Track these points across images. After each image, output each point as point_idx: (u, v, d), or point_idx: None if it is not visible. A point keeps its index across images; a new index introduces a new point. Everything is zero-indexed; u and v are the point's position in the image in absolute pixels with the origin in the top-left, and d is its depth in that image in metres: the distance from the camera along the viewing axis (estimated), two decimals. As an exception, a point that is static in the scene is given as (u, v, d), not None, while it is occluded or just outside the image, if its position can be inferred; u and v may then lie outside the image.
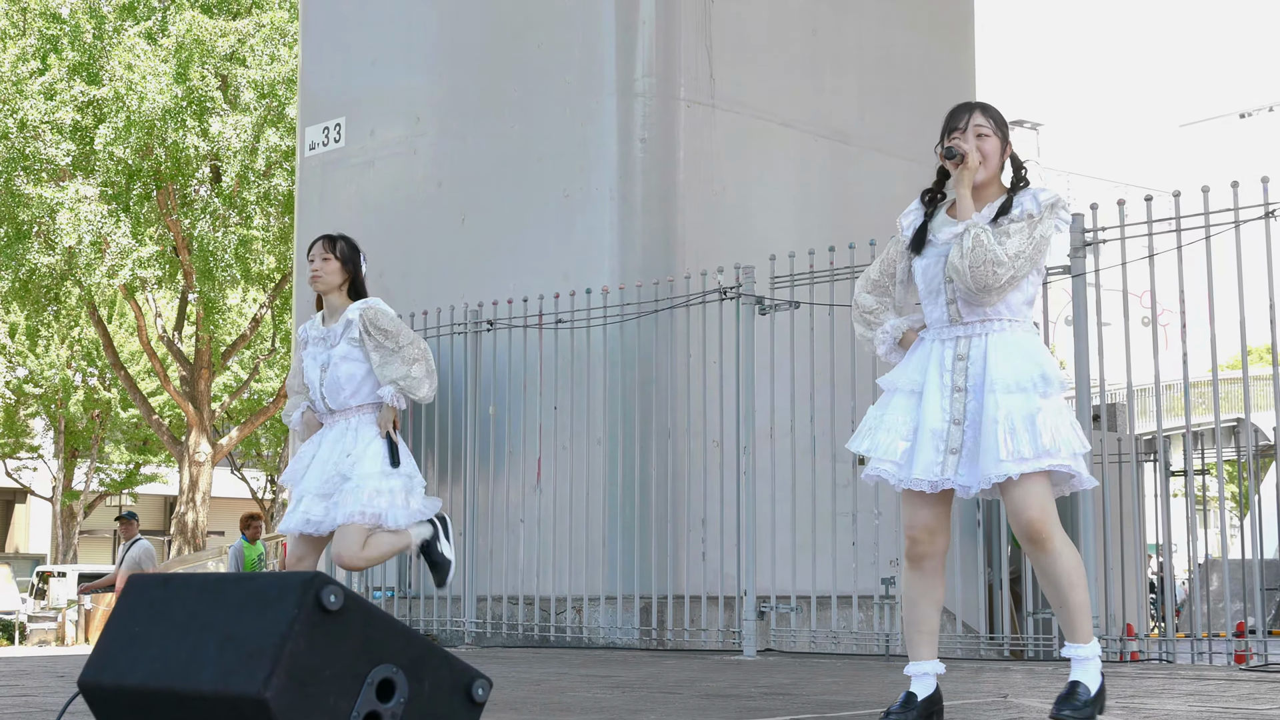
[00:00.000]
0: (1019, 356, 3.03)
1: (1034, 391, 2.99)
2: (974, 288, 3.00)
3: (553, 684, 4.63)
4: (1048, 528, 2.98)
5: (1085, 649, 3.00)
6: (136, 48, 16.86)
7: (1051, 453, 2.94)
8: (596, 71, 7.64)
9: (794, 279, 6.42)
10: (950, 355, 3.06)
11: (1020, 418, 2.96)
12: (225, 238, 17.87)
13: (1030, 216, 3.03)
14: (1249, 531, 5.83)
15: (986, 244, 2.99)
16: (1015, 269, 3.00)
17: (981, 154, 3.08)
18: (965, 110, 3.14)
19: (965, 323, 3.07)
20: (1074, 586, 2.99)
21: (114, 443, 28.46)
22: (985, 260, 2.98)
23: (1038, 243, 3.03)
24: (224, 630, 2.34)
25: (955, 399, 3.03)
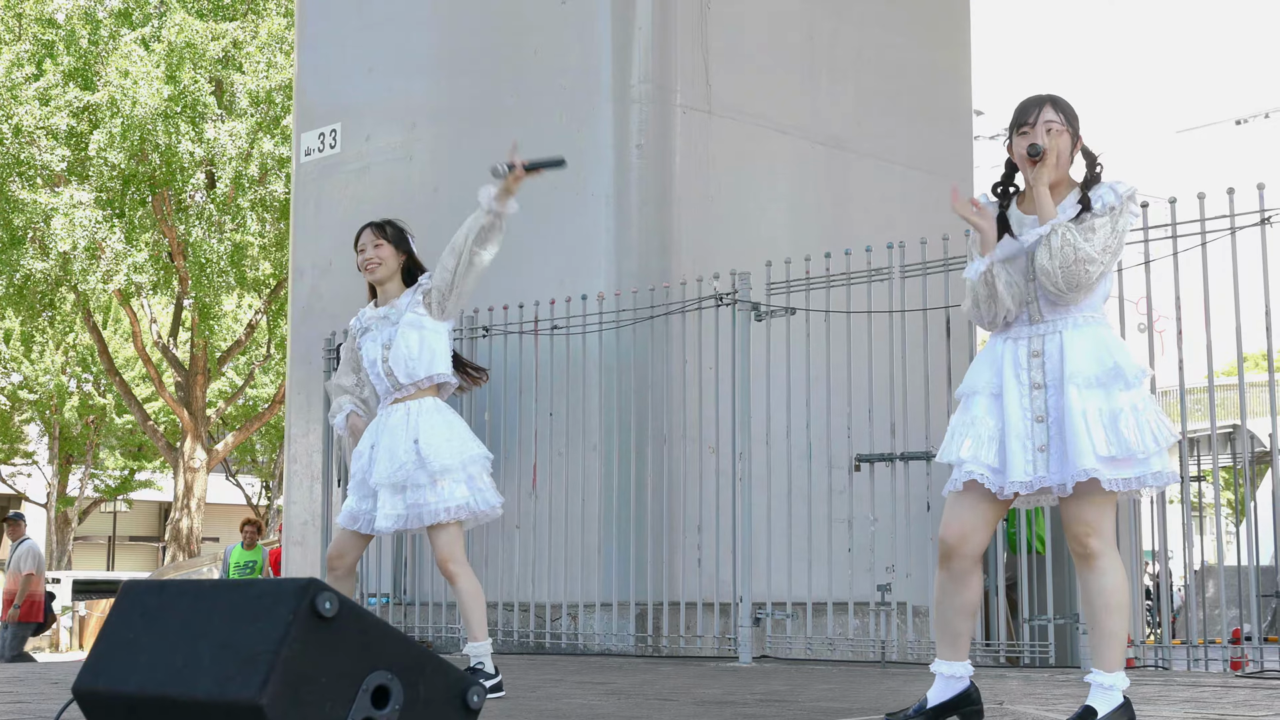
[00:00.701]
0: (1098, 350, 2.95)
1: (1114, 387, 2.91)
2: (1065, 288, 2.93)
3: (547, 691, 4.62)
4: (1094, 543, 2.89)
5: (1108, 678, 2.88)
6: (132, 54, 16.85)
7: (1137, 456, 2.86)
8: (592, 77, 7.63)
9: (790, 285, 6.41)
10: (1025, 353, 2.99)
11: (1105, 416, 2.89)
12: (220, 244, 17.85)
13: (1112, 209, 2.97)
14: (1245, 538, 5.81)
15: (1075, 242, 2.91)
16: (1105, 264, 2.95)
17: (1055, 150, 3.00)
18: (1035, 105, 3.04)
19: (1045, 320, 2.99)
20: (1111, 610, 2.89)
21: (109, 449, 28.41)
22: (1076, 259, 2.91)
23: (1121, 235, 2.97)
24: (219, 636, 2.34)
25: (1035, 395, 2.95)
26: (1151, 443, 2.88)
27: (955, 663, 3.04)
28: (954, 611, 3.04)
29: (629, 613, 6.79)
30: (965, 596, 3.03)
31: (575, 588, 6.97)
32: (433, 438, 4.28)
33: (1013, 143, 3.04)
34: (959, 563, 3.01)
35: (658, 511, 6.80)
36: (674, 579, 6.77)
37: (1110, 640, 2.88)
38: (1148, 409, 2.92)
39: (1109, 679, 2.86)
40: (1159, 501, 6.14)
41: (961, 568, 3.02)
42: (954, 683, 3.06)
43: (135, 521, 34.91)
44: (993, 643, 6.16)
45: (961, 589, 3.03)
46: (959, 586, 3.03)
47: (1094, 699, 2.87)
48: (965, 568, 3.02)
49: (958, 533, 3.00)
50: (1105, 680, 2.86)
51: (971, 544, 3.01)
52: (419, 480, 4.27)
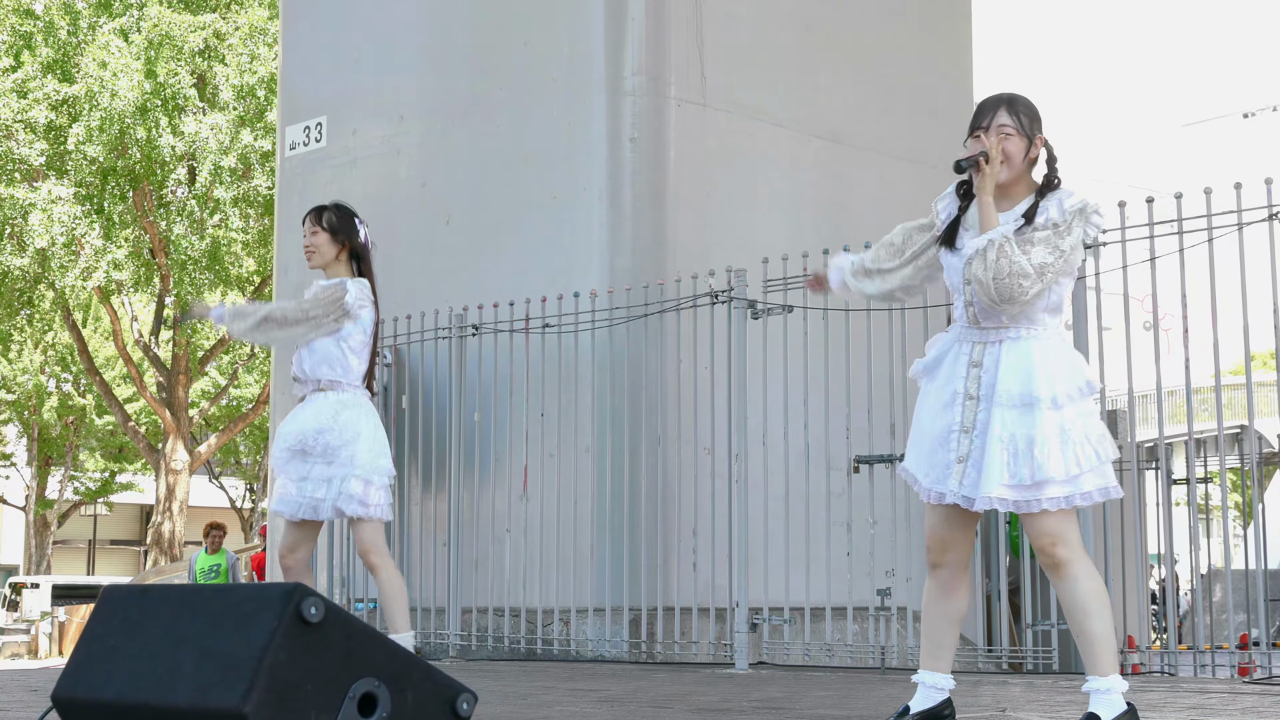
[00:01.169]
0: (1029, 368, 2.93)
1: (1041, 407, 2.89)
2: (998, 300, 2.91)
3: (539, 698, 4.57)
4: (1060, 553, 2.88)
5: (1103, 681, 2.86)
6: (111, 45, 16.73)
7: (1053, 481, 2.86)
8: (585, 70, 7.56)
9: (787, 282, 6.35)
10: (966, 362, 2.99)
11: (1023, 439, 2.89)
12: (200, 240, 17.73)
13: (1055, 226, 2.94)
14: (1253, 541, 5.74)
15: (1011, 256, 2.89)
16: (1043, 281, 2.91)
17: (1004, 154, 2.99)
18: (991, 107, 3.03)
19: (983, 327, 3.00)
20: (1089, 614, 2.88)
21: (89, 450, 28.23)
22: (1010, 273, 2.89)
23: (1066, 254, 2.93)
24: (202, 643, 2.33)
25: (967, 406, 2.96)
26: (1074, 466, 2.86)
27: (938, 674, 3.06)
28: (941, 619, 3.06)
29: (623, 618, 6.71)
30: (952, 605, 3.06)
31: (567, 592, 6.90)
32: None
33: (967, 146, 3.05)
34: (944, 571, 3.04)
35: (652, 514, 6.72)
36: (669, 583, 6.69)
37: (1097, 644, 2.87)
38: (1078, 429, 2.89)
39: (1104, 682, 2.85)
40: (1165, 504, 6.06)
41: (947, 576, 3.04)
42: (935, 694, 3.06)
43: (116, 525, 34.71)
44: (995, 648, 6.07)
45: (948, 598, 3.05)
46: (945, 595, 3.05)
47: (1095, 705, 2.85)
48: (951, 576, 3.05)
49: (938, 543, 3.03)
50: (1101, 685, 2.85)
51: (953, 553, 3.03)
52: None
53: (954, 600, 3.05)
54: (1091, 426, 2.91)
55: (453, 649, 7.15)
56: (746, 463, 6.20)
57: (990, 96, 3.09)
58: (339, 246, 4.42)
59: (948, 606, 3.05)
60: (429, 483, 7.58)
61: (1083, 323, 5.64)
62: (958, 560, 3.03)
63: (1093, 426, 2.92)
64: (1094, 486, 2.88)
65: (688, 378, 6.68)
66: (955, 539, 3.02)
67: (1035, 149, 3.02)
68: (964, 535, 3.03)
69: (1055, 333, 3.00)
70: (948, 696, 3.08)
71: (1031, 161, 3.01)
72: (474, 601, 7.23)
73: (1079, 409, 2.91)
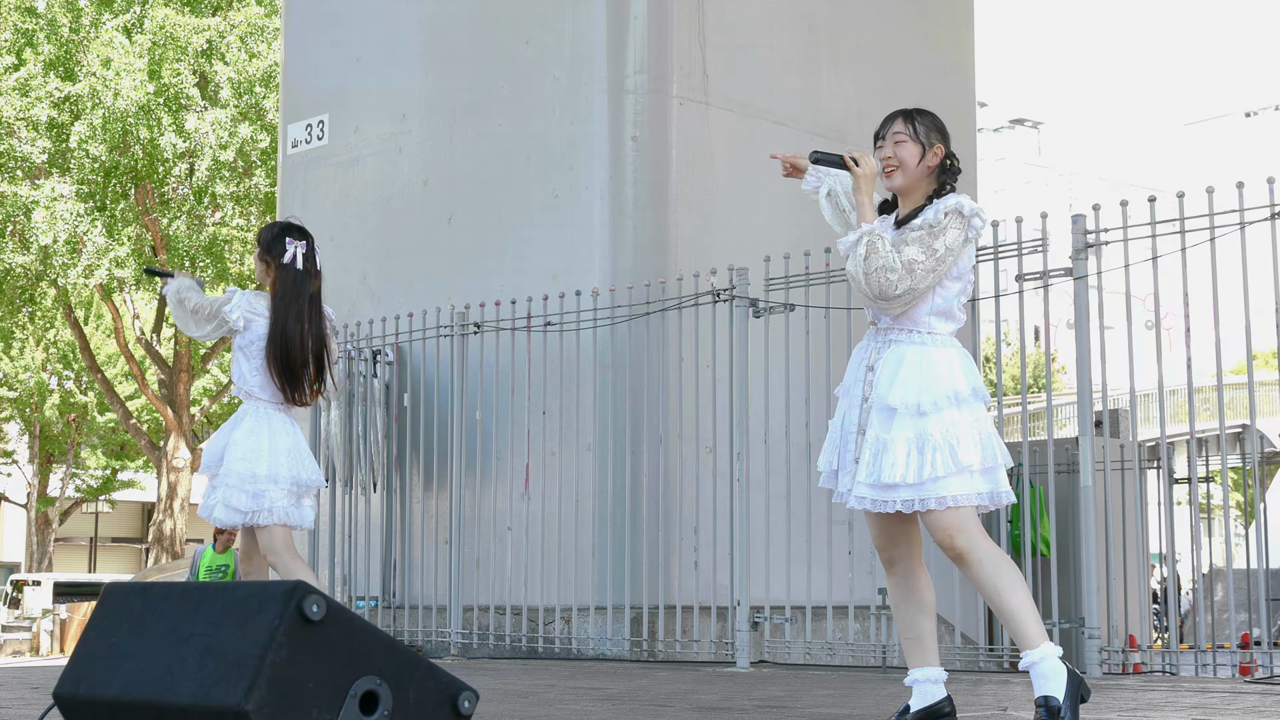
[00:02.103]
0: (904, 373, 3.00)
1: (901, 413, 2.96)
2: (871, 295, 3.01)
3: (540, 696, 4.57)
4: (960, 543, 2.94)
5: (1036, 653, 2.89)
6: (114, 43, 16.72)
7: (903, 485, 2.92)
8: (587, 68, 7.54)
9: (789, 281, 6.34)
10: (864, 365, 3.09)
11: (880, 443, 2.98)
12: (199, 235, 17.72)
13: (930, 226, 3.01)
14: (1254, 540, 5.73)
15: (881, 250, 2.98)
16: (913, 278, 2.98)
17: (898, 160, 3.08)
18: (892, 118, 3.16)
19: (880, 329, 3.09)
20: (1002, 591, 2.92)
21: (90, 448, 28.20)
22: (878, 267, 2.98)
23: (940, 253, 2.99)
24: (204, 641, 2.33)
25: (864, 409, 3.04)
26: (929, 470, 2.92)
27: (928, 668, 3.07)
28: (912, 613, 3.08)
29: (624, 616, 6.70)
30: (918, 596, 3.08)
31: (569, 591, 6.88)
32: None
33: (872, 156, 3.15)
34: (899, 566, 3.08)
35: (653, 513, 6.71)
36: (670, 582, 6.68)
37: (1018, 617, 2.91)
38: (940, 436, 2.94)
39: (1038, 653, 2.88)
40: (1166, 503, 6.04)
41: (904, 570, 3.08)
42: (930, 688, 3.07)
43: (117, 522, 34.71)
44: (996, 647, 6.06)
45: (912, 591, 3.08)
46: (909, 589, 3.09)
47: (1040, 685, 2.87)
48: (909, 568, 3.08)
49: (883, 541, 3.08)
50: (1036, 656, 2.88)
51: (900, 546, 3.07)
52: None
53: (918, 592, 3.08)
54: (960, 434, 2.95)
55: (454, 647, 7.14)
56: (748, 461, 6.19)
57: (893, 111, 3.21)
58: (263, 266, 4.47)
59: (914, 599, 3.08)
60: (430, 481, 7.57)
61: (1084, 322, 5.63)
62: (909, 553, 3.07)
63: (961, 434, 2.95)
64: (953, 492, 2.92)
65: (689, 376, 6.67)
66: (897, 534, 3.05)
67: (933, 157, 3.09)
68: (904, 531, 3.06)
69: (943, 339, 3.04)
70: (946, 693, 3.08)
71: (930, 169, 3.08)
72: (475, 600, 7.22)
73: (947, 417, 2.96)
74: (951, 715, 3.08)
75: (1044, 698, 2.86)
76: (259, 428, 4.45)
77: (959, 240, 3.01)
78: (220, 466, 4.46)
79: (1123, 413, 8.61)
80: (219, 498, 4.44)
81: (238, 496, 4.40)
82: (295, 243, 4.43)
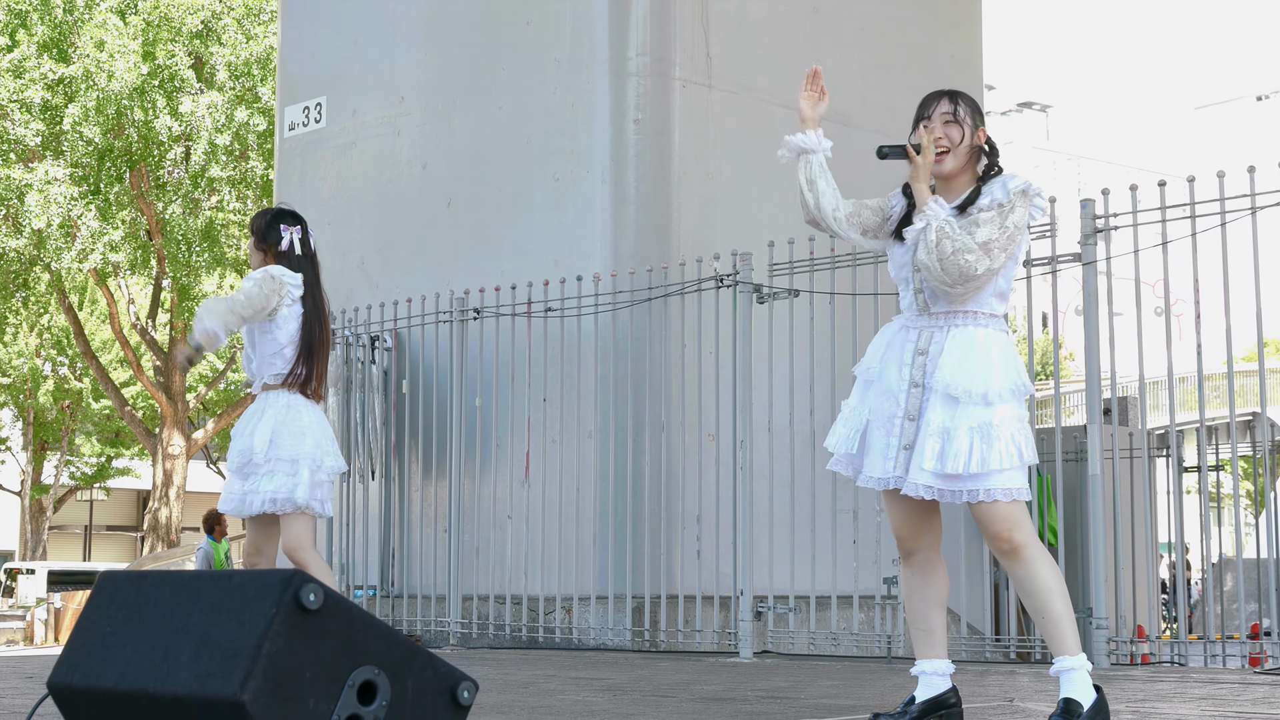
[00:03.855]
0: (969, 359, 2.96)
1: (968, 401, 2.92)
2: (948, 281, 2.95)
3: (541, 686, 4.53)
4: (1017, 537, 2.90)
5: (1072, 660, 2.88)
6: (108, 24, 16.62)
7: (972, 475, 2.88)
8: (588, 49, 7.48)
9: (793, 266, 6.29)
10: (911, 349, 3.02)
11: (945, 431, 2.92)
12: (195, 219, 17.64)
13: (1000, 205, 2.98)
14: (1265, 530, 5.68)
15: (952, 234, 2.94)
16: (991, 258, 2.94)
17: (948, 140, 3.03)
18: (934, 99, 3.10)
19: (932, 314, 3.02)
20: (1053, 594, 2.91)
21: (85, 435, 28.16)
22: (955, 250, 2.93)
23: (1011, 232, 2.96)
24: (200, 630, 2.31)
25: (912, 394, 2.98)
26: (995, 462, 2.90)
27: (936, 660, 3.06)
28: (924, 605, 3.07)
29: (625, 606, 6.66)
30: (933, 588, 3.07)
31: (570, 580, 6.84)
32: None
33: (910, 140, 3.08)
34: (919, 556, 3.06)
35: (655, 501, 6.66)
36: (672, 571, 6.64)
37: (1061, 623, 2.90)
38: (1003, 429, 2.92)
39: (1074, 661, 2.88)
40: (1176, 492, 5.99)
41: (922, 560, 3.06)
42: (937, 680, 3.07)
43: (113, 510, 34.69)
44: (1003, 638, 6.01)
45: (928, 583, 3.06)
46: (924, 581, 3.07)
47: (1068, 689, 2.87)
48: (927, 560, 3.06)
49: (906, 531, 3.05)
50: (1072, 664, 2.88)
51: (923, 538, 3.04)
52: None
53: (934, 585, 3.06)
54: (1017, 429, 2.94)
55: (453, 637, 7.09)
56: (751, 449, 6.15)
57: (932, 91, 3.14)
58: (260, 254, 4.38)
59: (929, 591, 3.06)
60: (429, 469, 7.52)
61: (1093, 308, 5.58)
62: (930, 544, 3.04)
63: (1018, 429, 2.94)
64: (1010, 485, 2.90)
65: (692, 363, 6.62)
66: (921, 525, 3.03)
67: (977, 139, 3.06)
68: (925, 520, 3.03)
69: (1000, 323, 3.02)
70: (951, 685, 3.09)
71: (973, 152, 3.05)
72: (475, 589, 7.18)
73: (1009, 410, 2.94)
74: (957, 706, 3.07)
75: (1069, 700, 2.86)
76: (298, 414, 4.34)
77: (1024, 220, 2.98)
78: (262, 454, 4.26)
79: (1131, 400, 8.58)
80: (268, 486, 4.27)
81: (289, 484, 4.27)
82: (289, 229, 4.36)
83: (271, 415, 4.27)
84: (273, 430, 4.25)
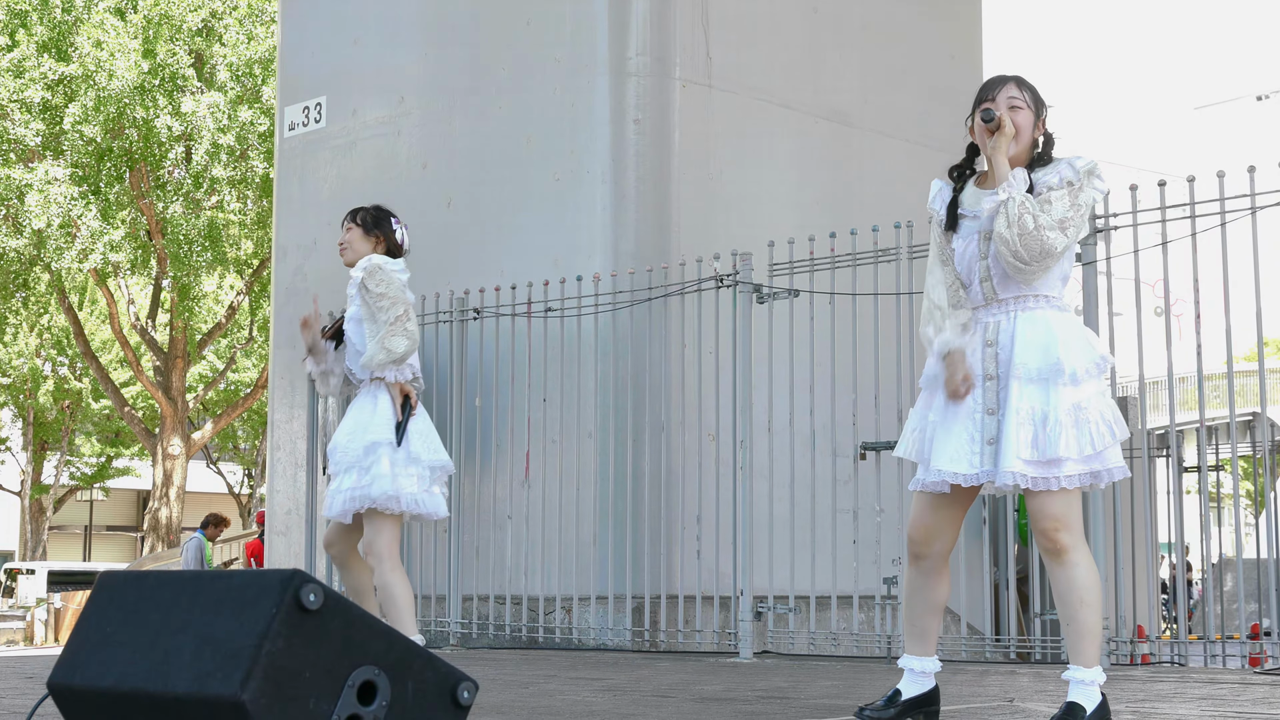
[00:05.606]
0: (1047, 340, 2.90)
1: (1057, 382, 2.86)
2: (1025, 257, 2.88)
3: (541, 687, 4.53)
4: (1064, 538, 2.86)
5: (1087, 673, 2.86)
6: (106, 23, 16.62)
7: (1069, 459, 2.83)
8: (588, 49, 7.47)
9: (794, 266, 6.28)
10: (980, 342, 2.96)
11: (1037, 416, 2.85)
12: (196, 219, 17.64)
13: (1070, 184, 2.94)
14: (1265, 530, 5.67)
15: (1033, 211, 2.88)
16: (1068, 235, 2.90)
17: (1015, 126, 2.97)
18: (1000, 82, 3.05)
19: (1000, 300, 2.96)
20: (1085, 604, 2.87)
21: (85, 435, 28.16)
22: (1037, 225, 2.87)
23: (1082, 210, 2.93)
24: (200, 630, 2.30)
25: (988, 387, 2.92)
26: (1088, 445, 2.85)
27: (924, 658, 3.06)
28: (923, 608, 3.05)
29: (625, 606, 6.64)
30: (935, 594, 3.05)
31: (570, 580, 6.83)
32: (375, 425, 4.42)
33: (974, 121, 3.03)
34: (927, 561, 3.03)
35: (655, 501, 6.65)
36: (672, 571, 6.62)
37: (1088, 635, 2.87)
38: (1093, 408, 2.87)
39: (1089, 674, 2.86)
40: (1176, 492, 5.98)
41: (930, 566, 3.04)
42: (922, 679, 3.06)
43: (112, 510, 34.68)
44: (1003, 638, 6.00)
45: (931, 587, 3.05)
46: (928, 584, 3.05)
47: (1075, 695, 2.85)
48: (934, 565, 3.04)
49: (924, 533, 3.02)
50: (1085, 676, 2.86)
51: (939, 543, 3.03)
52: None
53: (937, 589, 3.04)
54: (1106, 405, 2.90)
55: (453, 637, 7.08)
56: (751, 449, 6.14)
57: (997, 75, 3.10)
58: (373, 243, 4.55)
59: (930, 595, 3.04)
60: (429, 468, 7.50)
61: (1093, 308, 5.57)
62: (942, 550, 3.02)
63: (1107, 405, 2.90)
64: (1111, 465, 2.87)
65: (692, 363, 6.61)
66: (942, 529, 3.00)
67: (1040, 128, 3.03)
68: (951, 526, 3.02)
69: (1066, 306, 2.99)
70: (935, 684, 3.09)
71: (1034, 142, 3.01)
72: (475, 589, 7.16)
73: (1096, 386, 2.89)
74: (936, 705, 3.08)
75: (1073, 704, 2.84)
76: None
77: (1091, 200, 2.95)
78: (400, 450, 4.30)
79: (1131, 400, 8.55)
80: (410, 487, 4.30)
81: (415, 483, 4.30)
82: (399, 224, 4.59)
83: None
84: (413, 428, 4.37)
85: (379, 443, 4.33)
